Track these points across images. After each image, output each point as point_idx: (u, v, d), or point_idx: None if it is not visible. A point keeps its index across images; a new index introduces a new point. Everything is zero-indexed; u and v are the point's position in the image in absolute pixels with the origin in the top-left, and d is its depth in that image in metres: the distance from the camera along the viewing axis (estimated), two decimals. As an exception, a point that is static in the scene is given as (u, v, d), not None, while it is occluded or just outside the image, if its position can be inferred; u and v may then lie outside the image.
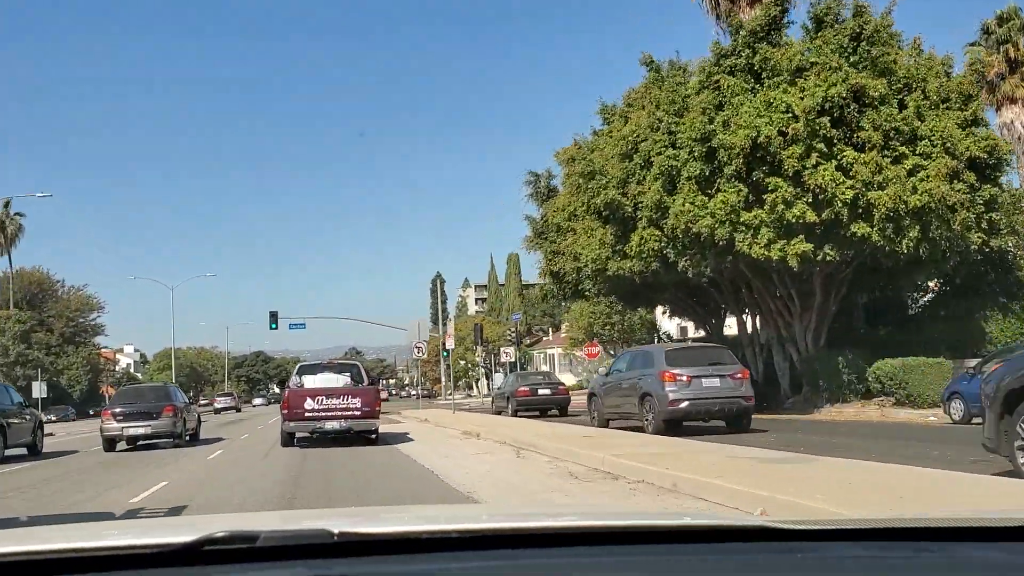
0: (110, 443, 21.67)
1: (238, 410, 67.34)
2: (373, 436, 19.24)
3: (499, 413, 30.27)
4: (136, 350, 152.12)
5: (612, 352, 48.40)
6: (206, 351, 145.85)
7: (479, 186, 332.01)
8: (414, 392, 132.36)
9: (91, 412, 78.30)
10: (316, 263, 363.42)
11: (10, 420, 20.15)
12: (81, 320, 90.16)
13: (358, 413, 18.83)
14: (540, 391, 29.14)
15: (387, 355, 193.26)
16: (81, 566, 1.51)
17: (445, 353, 67.14)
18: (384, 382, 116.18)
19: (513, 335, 52.51)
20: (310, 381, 20.04)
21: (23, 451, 20.88)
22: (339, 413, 18.76)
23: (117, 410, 21.89)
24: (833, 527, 1.78)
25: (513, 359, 48.67)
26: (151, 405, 21.98)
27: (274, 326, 56.57)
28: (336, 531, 1.57)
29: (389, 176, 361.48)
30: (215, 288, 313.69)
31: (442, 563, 1.57)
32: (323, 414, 18.77)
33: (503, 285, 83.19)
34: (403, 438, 21.08)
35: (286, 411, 19.12)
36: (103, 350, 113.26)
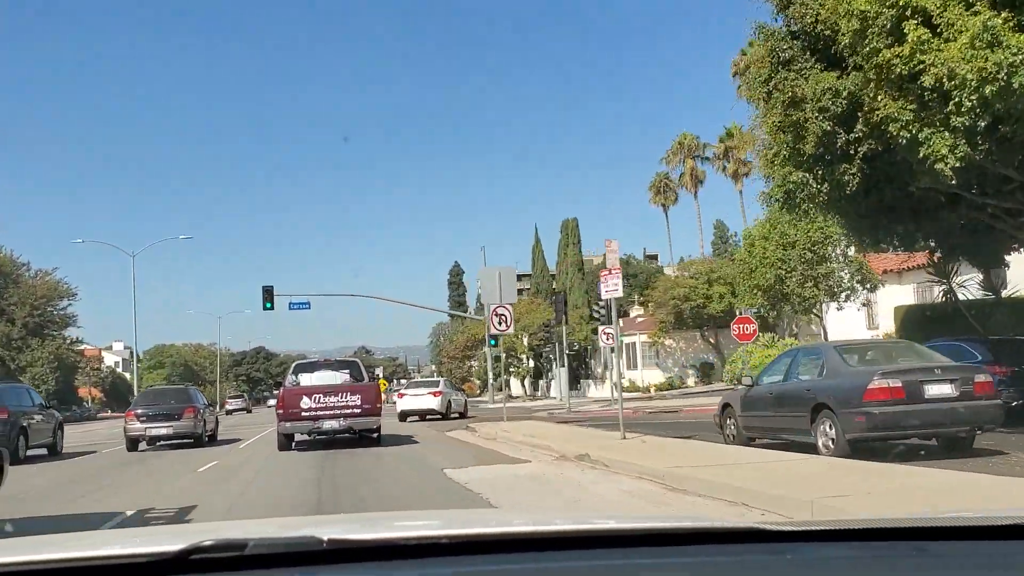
0: (133, 443, 22.40)
1: (249, 411, 68.37)
2: (375, 436, 18.61)
3: (752, 441, 13.97)
4: (126, 347, 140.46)
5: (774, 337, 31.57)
6: (204, 348, 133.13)
7: (496, 175, 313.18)
8: None
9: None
10: (322, 258, 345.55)
11: (31, 421, 20.78)
12: (49, 309, 75.86)
13: (358, 411, 18.10)
14: (930, 388, 10.96)
15: (399, 355, 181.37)
16: None
17: (492, 342, 51.73)
18: (396, 381, 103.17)
19: (602, 311, 37.81)
20: (307, 379, 19.28)
21: (43, 451, 21.53)
22: (338, 411, 18.05)
23: (140, 411, 22.78)
24: (823, 528, 1.80)
25: (614, 344, 33.08)
26: (173, 407, 22.82)
27: (269, 305, 43.31)
28: (325, 538, 1.55)
29: (399, 170, 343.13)
30: (212, 282, 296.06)
31: (433, 569, 1.55)
32: (321, 413, 18.03)
33: (558, 263, 67.50)
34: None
35: (281, 411, 18.53)
36: (86, 347, 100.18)
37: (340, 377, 19.27)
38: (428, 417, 31.84)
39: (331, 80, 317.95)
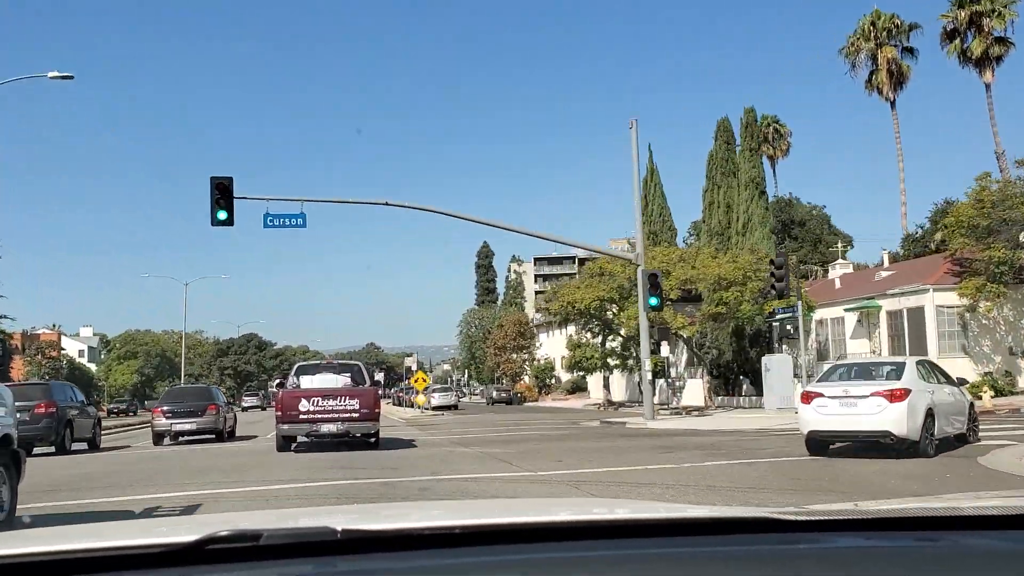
0: (159, 437, 24.13)
1: (264, 408, 67.52)
2: (373, 440, 18.65)
3: None
4: (95, 334, 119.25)
5: None
6: (189, 336, 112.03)
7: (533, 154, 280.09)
8: (471, 393, 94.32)
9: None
10: (330, 247, 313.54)
11: (76, 417, 22.43)
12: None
13: (356, 415, 18.16)
14: None
15: (412, 353, 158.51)
16: (84, 567, 1.49)
17: (654, 300, 22.07)
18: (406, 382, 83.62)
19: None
20: (307, 381, 19.56)
21: (84, 445, 23.31)
22: (336, 415, 18.11)
23: (165, 408, 24.55)
24: (835, 518, 1.76)
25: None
26: (196, 404, 24.43)
27: (223, 216, 24.04)
28: (339, 528, 1.55)
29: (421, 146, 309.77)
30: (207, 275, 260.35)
31: (446, 559, 1.55)
32: (319, 416, 18.09)
33: (708, 189, 40.73)
34: None
35: (280, 413, 18.59)
36: (41, 332, 79.28)
37: (341, 380, 19.47)
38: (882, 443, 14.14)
39: (338, 74, 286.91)
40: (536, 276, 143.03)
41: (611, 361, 46.45)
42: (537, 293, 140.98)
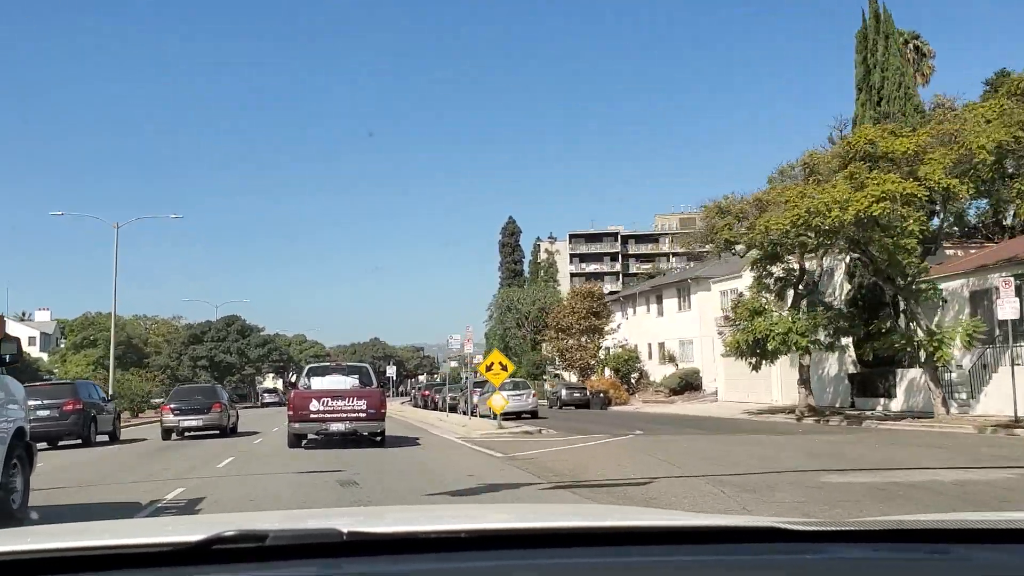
0: (167, 433, 25.58)
1: (282, 404, 68.98)
2: (379, 439, 19.50)
3: None
4: (54, 319, 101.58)
5: None
6: (165, 323, 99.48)
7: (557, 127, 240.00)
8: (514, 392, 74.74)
9: None
10: (333, 242, 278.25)
11: (99, 412, 24.86)
12: None
13: (363, 415, 19.18)
14: None
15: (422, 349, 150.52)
16: (91, 564, 1.49)
17: None
18: (414, 379, 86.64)
19: None
20: (318, 382, 20.70)
21: (105, 437, 25.46)
22: (344, 415, 19.11)
23: (173, 406, 26.15)
24: (842, 528, 1.74)
25: None
26: (203, 402, 26.33)
27: None
28: (345, 530, 1.55)
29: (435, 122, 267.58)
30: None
31: (451, 563, 1.54)
32: (328, 416, 19.10)
33: None
34: None
35: (292, 412, 19.69)
36: None
37: (349, 382, 20.69)
38: None
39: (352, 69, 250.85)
40: (572, 256, 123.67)
41: (821, 337, 26.78)
42: (573, 275, 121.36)
